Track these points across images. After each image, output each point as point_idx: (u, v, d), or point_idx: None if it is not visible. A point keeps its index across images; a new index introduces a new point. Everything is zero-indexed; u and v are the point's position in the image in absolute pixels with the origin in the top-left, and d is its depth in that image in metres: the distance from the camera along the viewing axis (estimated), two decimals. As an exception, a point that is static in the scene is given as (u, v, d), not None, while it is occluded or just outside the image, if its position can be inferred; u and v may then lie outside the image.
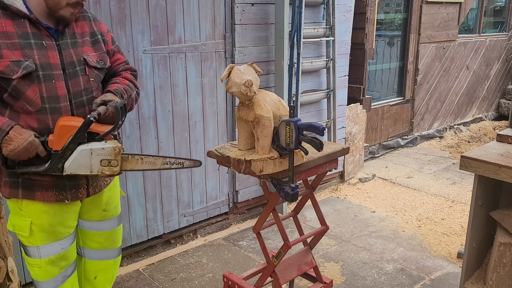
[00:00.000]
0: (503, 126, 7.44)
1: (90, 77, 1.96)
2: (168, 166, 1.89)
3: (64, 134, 1.78)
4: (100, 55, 2.02)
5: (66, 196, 1.93)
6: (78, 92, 1.91)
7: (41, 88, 1.81)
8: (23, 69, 1.77)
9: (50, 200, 1.91)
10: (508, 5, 7.63)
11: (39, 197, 1.90)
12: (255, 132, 1.93)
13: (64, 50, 1.89)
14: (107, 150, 1.81)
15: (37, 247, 1.96)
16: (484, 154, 2.12)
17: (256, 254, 3.50)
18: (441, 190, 4.82)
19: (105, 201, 2.14)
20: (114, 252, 2.26)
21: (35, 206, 1.91)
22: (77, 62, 1.92)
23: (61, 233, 2.00)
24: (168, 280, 3.18)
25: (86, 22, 2.02)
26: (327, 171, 2.17)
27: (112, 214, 2.20)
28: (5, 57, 1.76)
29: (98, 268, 2.24)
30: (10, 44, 1.78)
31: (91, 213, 2.12)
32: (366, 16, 5.03)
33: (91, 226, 2.15)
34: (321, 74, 4.38)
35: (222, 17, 3.55)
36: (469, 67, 7.05)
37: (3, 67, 1.76)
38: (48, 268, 1.99)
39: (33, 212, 1.92)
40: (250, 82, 1.85)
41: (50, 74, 1.83)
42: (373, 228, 3.96)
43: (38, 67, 1.81)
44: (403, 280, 3.18)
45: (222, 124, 3.74)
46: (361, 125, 5.12)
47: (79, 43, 1.96)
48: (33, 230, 1.93)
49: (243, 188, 3.97)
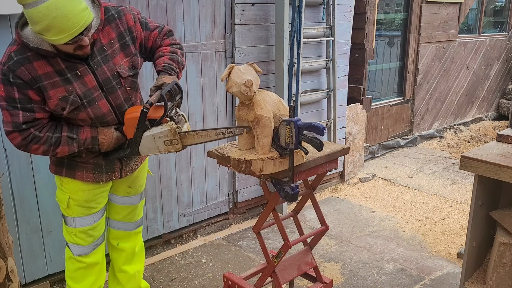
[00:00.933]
0: (503, 126, 7.44)
1: (126, 87, 2.12)
2: (222, 136, 2.04)
3: (130, 124, 2.05)
4: (131, 60, 2.11)
5: (102, 178, 2.20)
6: (120, 104, 2.11)
7: (88, 113, 2.03)
8: (71, 104, 1.97)
9: (88, 180, 2.17)
10: (508, 5, 7.63)
11: (79, 176, 2.16)
12: (255, 132, 1.93)
13: (97, 70, 2.01)
14: (165, 133, 2.03)
15: (73, 218, 2.24)
16: (484, 154, 2.12)
17: (256, 254, 3.50)
18: (441, 190, 4.82)
19: (132, 180, 2.38)
20: (133, 224, 2.51)
21: (74, 184, 2.18)
22: (112, 77, 2.06)
23: (94, 208, 2.26)
24: (168, 280, 3.18)
25: (112, 26, 2.05)
26: (327, 171, 2.17)
27: (136, 191, 2.44)
28: (53, 97, 1.94)
29: (119, 237, 2.50)
30: (53, 83, 1.93)
31: (118, 188, 2.37)
32: (366, 16, 5.03)
33: (116, 200, 2.41)
34: (321, 74, 4.38)
35: (222, 17, 3.56)
36: (469, 67, 7.05)
37: (53, 106, 1.95)
38: (82, 236, 2.27)
39: (72, 189, 2.19)
40: (250, 82, 1.85)
41: (92, 98, 2.01)
42: (373, 228, 3.96)
43: (81, 97, 1.99)
44: (403, 280, 3.18)
45: (222, 124, 3.74)
46: (361, 125, 5.12)
47: (110, 56, 2.05)
48: (70, 204, 2.21)
49: (243, 188, 3.97)
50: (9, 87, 1.88)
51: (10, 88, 1.88)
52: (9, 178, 2.72)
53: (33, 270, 2.93)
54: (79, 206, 2.22)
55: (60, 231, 2.98)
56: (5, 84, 1.88)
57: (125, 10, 2.10)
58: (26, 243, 2.86)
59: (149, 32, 2.19)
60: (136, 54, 2.15)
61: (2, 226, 2.07)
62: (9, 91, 1.88)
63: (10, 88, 1.88)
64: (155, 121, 2.04)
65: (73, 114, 2.00)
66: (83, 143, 2.05)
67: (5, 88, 1.88)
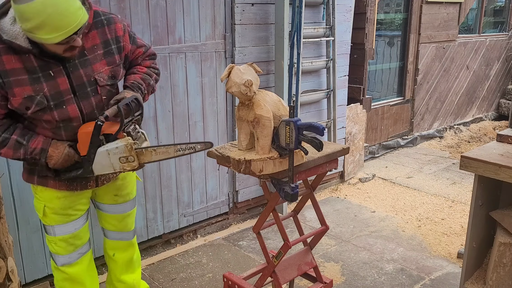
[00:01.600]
0: (503, 126, 7.44)
1: (102, 96, 2.00)
2: (181, 152, 1.98)
3: (84, 140, 1.93)
4: (112, 70, 2.02)
5: (76, 186, 2.08)
6: (91, 111, 1.99)
7: (53, 115, 1.90)
8: (36, 105, 1.85)
9: (62, 188, 2.07)
10: (508, 5, 7.63)
11: (51, 185, 2.06)
12: (255, 132, 1.93)
13: (72, 73, 1.90)
14: (121, 148, 1.93)
15: (51, 226, 2.14)
16: (484, 154, 2.12)
17: (256, 254, 3.50)
18: (441, 190, 4.81)
19: (117, 188, 2.28)
20: (127, 234, 2.41)
21: (48, 192, 2.08)
22: (88, 83, 1.94)
23: (73, 215, 2.16)
24: (168, 280, 3.18)
25: (98, 31, 1.97)
26: (327, 171, 2.17)
27: (124, 199, 2.33)
28: (17, 94, 1.82)
29: (115, 247, 2.42)
30: (21, 81, 1.82)
31: (103, 196, 2.28)
32: (366, 16, 5.03)
33: (104, 209, 2.33)
34: (321, 74, 4.38)
35: (222, 17, 3.55)
36: (469, 67, 7.05)
37: (17, 104, 1.84)
38: (62, 245, 2.17)
39: (46, 197, 2.09)
40: (250, 82, 1.85)
41: (61, 101, 1.90)
42: (373, 228, 3.96)
43: (49, 99, 1.87)
44: (403, 280, 3.18)
45: (222, 124, 3.74)
46: (361, 125, 5.12)
47: (89, 61, 1.94)
48: (47, 212, 2.11)
49: (243, 188, 3.97)
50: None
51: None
52: (9, 178, 2.72)
53: (33, 270, 2.93)
54: (56, 214, 2.12)
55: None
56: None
57: (116, 19, 2.04)
58: (26, 243, 2.86)
59: (135, 47, 2.14)
60: (120, 64, 2.06)
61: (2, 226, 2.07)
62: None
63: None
64: (111, 136, 1.93)
65: (37, 114, 1.88)
66: (30, 152, 1.91)
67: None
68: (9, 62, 1.79)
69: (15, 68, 1.81)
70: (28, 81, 1.83)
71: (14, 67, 1.80)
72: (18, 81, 1.82)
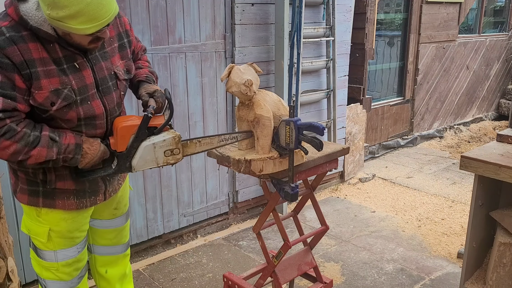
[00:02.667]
0: (503, 126, 7.44)
1: (121, 91, 1.90)
2: (224, 142, 1.91)
3: (126, 134, 1.80)
4: (126, 64, 1.93)
5: (85, 203, 1.92)
6: (113, 108, 1.87)
7: (79, 112, 1.74)
8: (63, 99, 1.67)
9: (71, 208, 1.89)
10: (508, 5, 7.63)
11: (60, 205, 1.87)
12: (255, 132, 1.93)
13: (95, 65, 1.78)
14: (168, 141, 1.83)
15: (54, 251, 1.94)
16: (484, 154, 2.12)
17: (256, 254, 3.50)
18: (441, 190, 4.81)
19: (117, 201, 2.15)
20: (122, 247, 2.27)
21: (54, 214, 1.89)
22: (109, 77, 1.83)
23: (78, 237, 1.99)
24: (168, 280, 3.18)
25: (113, 24, 1.87)
26: (327, 171, 2.17)
27: (122, 212, 2.20)
28: (44, 88, 1.64)
29: (108, 263, 2.25)
30: (48, 72, 1.64)
31: (103, 212, 2.11)
32: (366, 16, 5.03)
33: (101, 224, 2.16)
34: (321, 74, 4.38)
35: (222, 17, 3.55)
36: (469, 67, 7.05)
37: (41, 99, 1.64)
38: (66, 270, 1.98)
39: (52, 220, 1.89)
40: (250, 82, 1.85)
41: (86, 96, 1.75)
42: (373, 228, 3.96)
43: (76, 93, 1.71)
44: (403, 280, 3.18)
45: (222, 124, 3.74)
46: (361, 125, 5.12)
47: (109, 54, 1.84)
48: (51, 236, 1.91)
49: (243, 188, 3.97)
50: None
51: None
52: (9, 178, 2.72)
53: (33, 270, 2.92)
54: (62, 238, 1.93)
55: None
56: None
57: (121, 13, 1.94)
58: (26, 243, 2.85)
59: (136, 42, 2.08)
60: (131, 59, 1.98)
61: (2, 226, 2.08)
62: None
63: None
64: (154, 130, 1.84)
65: (61, 112, 1.70)
66: (64, 149, 1.70)
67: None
68: (36, 50, 1.62)
69: (43, 58, 1.63)
70: (56, 73, 1.65)
71: (42, 56, 1.63)
72: (46, 72, 1.64)
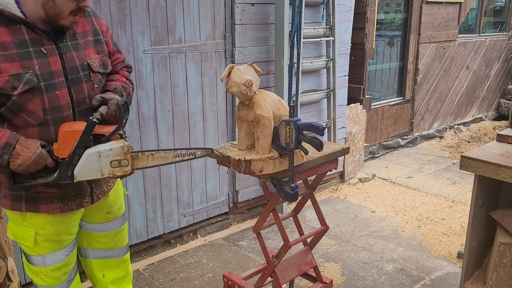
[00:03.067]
0: (503, 126, 7.44)
1: (94, 83, 1.84)
2: (180, 158, 1.81)
3: (69, 140, 1.69)
4: (102, 58, 1.89)
5: (71, 206, 1.86)
6: (82, 99, 1.80)
7: (43, 100, 1.68)
8: (25, 83, 1.62)
9: (55, 212, 1.84)
10: (508, 5, 7.63)
11: (43, 209, 1.82)
12: (255, 132, 1.93)
13: (65, 54, 1.74)
14: (115, 150, 1.72)
15: (41, 256, 1.89)
16: (484, 154, 2.12)
17: (256, 254, 3.50)
18: (441, 190, 4.81)
19: (109, 204, 2.08)
20: (119, 251, 2.18)
21: (39, 218, 1.84)
22: (81, 67, 1.79)
23: (66, 240, 1.94)
24: (168, 280, 3.18)
25: (86, 19, 1.86)
26: (327, 171, 2.17)
27: (116, 215, 2.12)
28: (4, 71, 1.60)
29: (104, 267, 2.18)
30: (8, 56, 1.61)
31: (95, 215, 2.05)
32: (366, 16, 5.03)
33: (95, 228, 2.09)
34: (321, 74, 4.38)
35: (222, 17, 3.55)
36: (469, 67, 7.05)
37: (2, 83, 1.60)
38: (54, 275, 1.93)
39: (37, 223, 1.84)
40: (250, 82, 1.85)
41: (52, 84, 1.70)
42: (373, 228, 3.96)
43: (39, 78, 1.66)
44: (403, 280, 3.18)
45: (222, 124, 3.74)
46: (361, 125, 5.12)
47: (81, 45, 1.81)
48: (38, 240, 1.86)
49: (243, 188, 3.97)
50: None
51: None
52: None
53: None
54: (49, 242, 1.87)
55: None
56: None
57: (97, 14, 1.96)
58: (26, 243, 2.85)
59: (115, 50, 2.03)
60: (107, 55, 1.93)
61: (2, 226, 2.08)
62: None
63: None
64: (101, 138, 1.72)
65: (25, 98, 1.64)
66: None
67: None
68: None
69: (3, 42, 1.61)
70: (17, 57, 1.62)
71: (3, 40, 1.61)
72: (6, 56, 1.61)
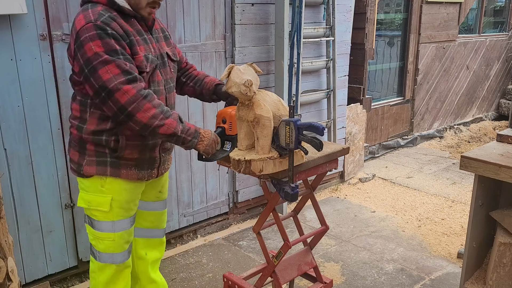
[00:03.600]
0: (503, 126, 7.44)
1: (171, 69, 2.16)
2: None
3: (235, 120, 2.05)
4: (172, 50, 2.19)
5: (144, 174, 2.12)
6: (166, 80, 2.12)
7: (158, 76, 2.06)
8: (151, 62, 1.99)
9: (133, 178, 2.08)
10: (508, 5, 7.63)
11: (124, 175, 2.06)
12: (255, 132, 1.93)
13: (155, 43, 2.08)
14: None
15: (112, 221, 2.10)
16: (484, 154, 2.12)
17: (256, 254, 3.50)
18: (441, 190, 4.81)
19: (162, 184, 2.34)
20: (160, 231, 2.44)
21: (117, 183, 2.07)
22: (164, 54, 2.11)
23: (132, 209, 2.17)
24: (168, 280, 3.18)
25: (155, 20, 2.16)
26: (327, 171, 2.17)
27: (164, 196, 2.39)
28: (139, 52, 1.95)
29: (147, 245, 2.41)
30: (137, 40, 1.95)
31: (149, 193, 2.30)
32: (366, 16, 5.03)
33: (146, 206, 2.33)
34: (321, 74, 4.38)
35: (222, 17, 3.55)
36: (469, 67, 7.05)
37: (139, 63, 1.93)
38: (120, 242, 2.14)
39: (115, 189, 2.07)
40: (250, 82, 1.85)
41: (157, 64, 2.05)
42: (373, 228, 3.96)
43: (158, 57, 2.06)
44: (403, 280, 3.18)
45: (222, 124, 3.73)
46: (361, 125, 5.12)
47: (159, 38, 2.13)
48: (113, 206, 2.08)
49: (243, 188, 3.97)
50: (107, 40, 1.82)
51: (109, 41, 1.82)
52: (9, 178, 2.72)
53: (33, 270, 2.93)
54: (121, 208, 2.10)
55: (60, 231, 2.98)
56: (102, 37, 1.81)
57: None
58: (26, 243, 2.86)
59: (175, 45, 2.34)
60: (174, 48, 2.23)
61: (2, 226, 2.08)
62: (109, 43, 1.82)
63: (108, 40, 1.82)
64: None
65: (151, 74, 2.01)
66: (186, 130, 1.96)
67: (103, 42, 1.81)
68: (125, 24, 1.93)
69: (131, 30, 1.94)
70: (141, 41, 1.97)
71: (130, 29, 1.93)
72: (137, 41, 1.95)
